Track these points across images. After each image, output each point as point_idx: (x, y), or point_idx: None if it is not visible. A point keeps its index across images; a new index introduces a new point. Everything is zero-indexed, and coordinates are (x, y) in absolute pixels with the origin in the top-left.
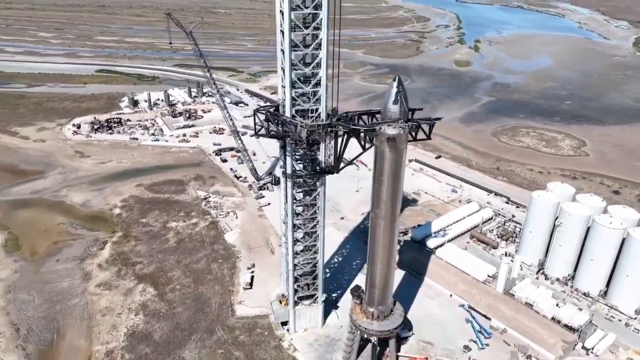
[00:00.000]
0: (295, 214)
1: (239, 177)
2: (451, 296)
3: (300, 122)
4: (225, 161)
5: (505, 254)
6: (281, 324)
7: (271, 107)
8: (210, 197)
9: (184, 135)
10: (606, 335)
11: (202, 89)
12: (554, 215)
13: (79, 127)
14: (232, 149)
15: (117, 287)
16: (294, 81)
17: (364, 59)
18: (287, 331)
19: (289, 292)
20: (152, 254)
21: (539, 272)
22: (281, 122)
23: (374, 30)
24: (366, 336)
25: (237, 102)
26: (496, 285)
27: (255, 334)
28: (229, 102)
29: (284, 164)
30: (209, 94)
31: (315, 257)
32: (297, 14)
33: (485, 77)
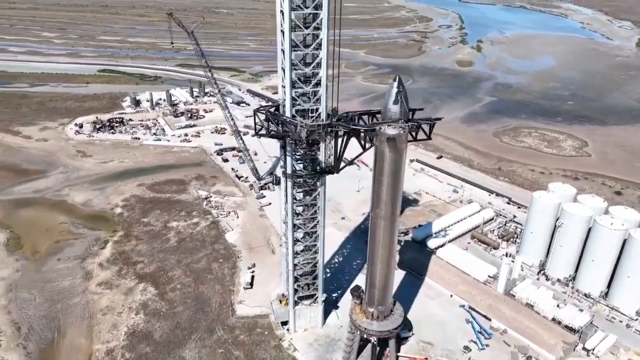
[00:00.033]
0: (295, 214)
1: (240, 177)
2: (451, 296)
3: (300, 122)
4: (226, 161)
5: (506, 255)
6: (281, 324)
7: (271, 107)
8: (211, 196)
9: (186, 135)
10: (607, 336)
11: (204, 89)
12: (555, 215)
13: (81, 126)
14: (233, 149)
15: (118, 286)
16: (294, 81)
17: (366, 59)
18: (287, 331)
19: (289, 292)
20: (153, 254)
21: (539, 273)
22: (281, 122)
23: (376, 30)
24: (366, 336)
25: (238, 102)
26: (497, 285)
27: (255, 334)
28: (230, 102)
29: (284, 164)
30: (210, 94)
31: (315, 257)
32: (298, 14)
33: (487, 77)
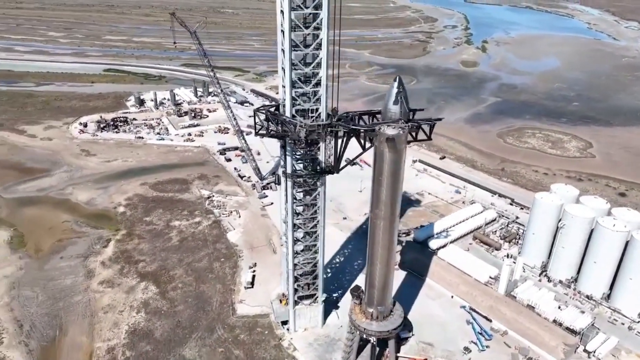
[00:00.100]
0: (295, 214)
1: (243, 177)
2: (452, 297)
3: (299, 122)
4: (229, 160)
5: (507, 256)
6: (281, 324)
7: (271, 107)
8: (213, 196)
9: (189, 134)
10: (608, 338)
11: (208, 89)
12: (557, 217)
13: (85, 125)
14: (236, 149)
15: (120, 285)
16: (294, 81)
17: (371, 59)
18: (287, 330)
19: (289, 291)
20: (154, 252)
21: (541, 274)
22: (281, 121)
23: (381, 30)
24: (365, 336)
25: (242, 102)
26: (498, 287)
27: (255, 333)
28: (234, 102)
29: (284, 164)
30: (214, 94)
31: (315, 257)
32: (298, 14)
33: (492, 77)
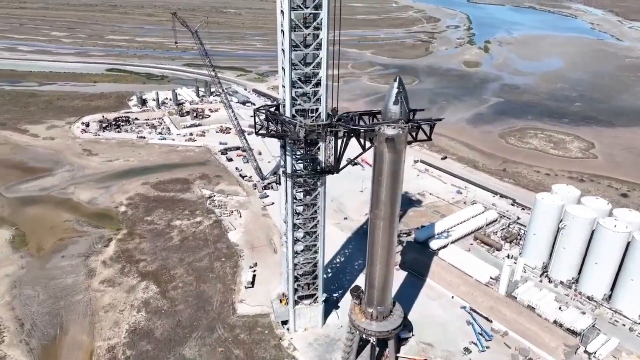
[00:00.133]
0: (295, 214)
1: (244, 177)
2: (453, 298)
3: (299, 121)
4: (230, 160)
5: (508, 256)
6: (281, 323)
7: (271, 107)
8: (214, 195)
9: (191, 134)
10: (609, 339)
11: (210, 89)
12: (558, 217)
13: (87, 125)
14: (237, 148)
15: (121, 284)
16: (295, 81)
17: (373, 59)
18: (287, 330)
19: (289, 291)
20: (155, 252)
21: (542, 275)
22: (280, 121)
23: (384, 30)
24: (365, 336)
25: (244, 102)
26: (498, 287)
27: (255, 333)
28: (236, 102)
29: (284, 164)
30: (216, 94)
31: (315, 257)
32: (298, 14)
33: (494, 78)
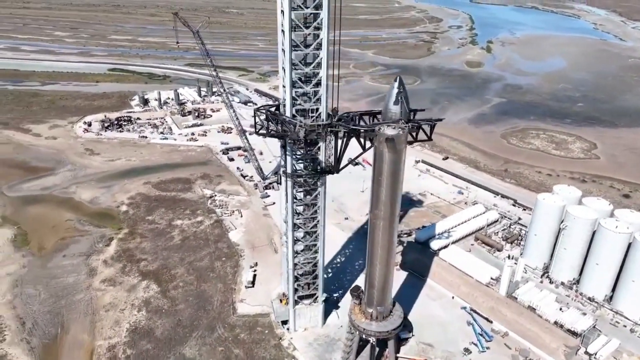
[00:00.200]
0: (295, 213)
1: (245, 176)
2: (453, 298)
3: (299, 121)
4: (232, 160)
5: (508, 257)
6: (281, 323)
7: (272, 107)
8: (216, 195)
9: (193, 134)
10: (610, 340)
11: (212, 88)
12: (560, 218)
13: (89, 125)
14: (239, 148)
15: (122, 284)
16: (295, 81)
17: (375, 59)
18: (287, 330)
19: (289, 291)
20: (156, 251)
21: (543, 276)
22: (280, 121)
23: (386, 30)
24: (365, 337)
25: (246, 102)
26: (499, 288)
27: (255, 332)
28: (238, 102)
29: (285, 164)
30: (218, 93)
31: (315, 257)
32: (298, 14)
33: (496, 78)
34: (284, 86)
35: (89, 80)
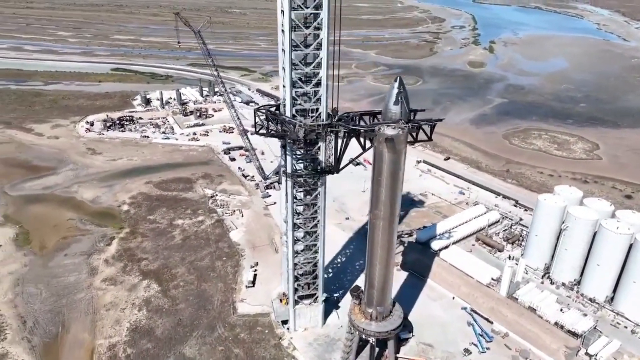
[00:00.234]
0: (295, 213)
1: (247, 176)
2: (453, 299)
3: (299, 121)
4: (233, 160)
5: (509, 257)
6: (282, 323)
7: (272, 107)
8: (217, 195)
9: (194, 133)
10: (610, 341)
11: (214, 88)
12: (561, 218)
13: (92, 124)
14: (240, 148)
15: (122, 283)
16: (295, 81)
17: (377, 59)
18: (287, 330)
19: (289, 291)
20: (157, 251)
21: (544, 277)
22: (280, 121)
23: (388, 30)
24: (364, 337)
25: (248, 102)
26: (500, 288)
27: (255, 332)
28: (239, 102)
29: (285, 164)
30: (220, 93)
31: (315, 257)
32: (298, 14)
33: (498, 78)
34: (284, 86)
35: (92, 80)
